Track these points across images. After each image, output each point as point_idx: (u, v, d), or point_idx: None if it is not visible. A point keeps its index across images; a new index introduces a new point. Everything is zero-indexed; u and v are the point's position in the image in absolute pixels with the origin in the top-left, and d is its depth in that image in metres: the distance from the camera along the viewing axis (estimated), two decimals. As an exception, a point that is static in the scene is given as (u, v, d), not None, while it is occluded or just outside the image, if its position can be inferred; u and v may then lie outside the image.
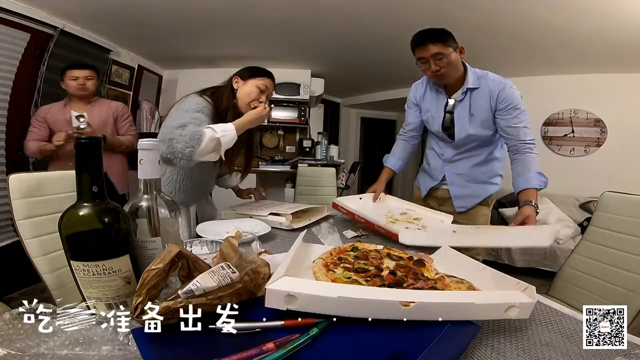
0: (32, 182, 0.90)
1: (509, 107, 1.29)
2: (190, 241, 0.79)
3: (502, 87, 1.31)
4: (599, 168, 3.24)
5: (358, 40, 2.86)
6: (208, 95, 1.22)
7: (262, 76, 1.25)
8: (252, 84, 1.23)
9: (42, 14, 2.26)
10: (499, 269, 0.65)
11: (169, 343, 0.44)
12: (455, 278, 0.64)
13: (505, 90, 1.31)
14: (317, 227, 1.31)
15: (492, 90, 1.31)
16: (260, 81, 1.23)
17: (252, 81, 1.24)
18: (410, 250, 0.88)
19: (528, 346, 0.50)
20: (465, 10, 2.23)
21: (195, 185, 1.27)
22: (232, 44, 3.05)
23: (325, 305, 0.48)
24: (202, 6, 2.34)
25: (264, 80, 1.24)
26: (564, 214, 2.99)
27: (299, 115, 3.76)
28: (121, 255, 0.53)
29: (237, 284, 0.51)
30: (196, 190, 1.29)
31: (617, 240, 1.08)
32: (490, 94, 1.31)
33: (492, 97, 1.31)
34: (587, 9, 2.10)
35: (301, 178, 2.68)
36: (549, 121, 3.49)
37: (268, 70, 1.28)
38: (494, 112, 1.32)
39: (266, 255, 0.75)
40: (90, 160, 0.52)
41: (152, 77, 3.65)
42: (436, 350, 0.43)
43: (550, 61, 3.07)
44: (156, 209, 0.59)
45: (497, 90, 1.31)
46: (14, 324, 0.44)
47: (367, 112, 5.79)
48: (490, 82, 1.33)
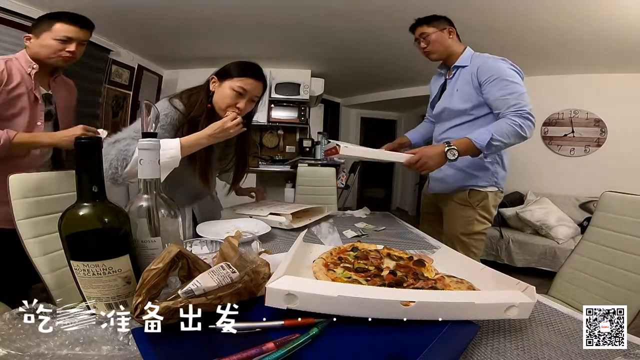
0: (32, 182, 0.91)
1: (491, 78, 1.26)
2: (190, 241, 0.79)
3: (485, 60, 1.31)
4: (599, 168, 3.25)
5: (358, 40, 2.86)
6: (186, 98, 1.07)
7: (241, 76, 1.04)
8: (227, 86, 1.04)
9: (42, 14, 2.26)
10: (499, 269, 0.65)
11: (169, 343, 0.44)
12: (455, 278, 0.64)
13: (487, 62, 1.30)
14: (317, 227, 1.31)
15: (475, 65, 1.34)
16: (237, 82, 1.03)
17: (228, 82, 1.04)
18: (410, 251, 0.88)
19: (528, 346, 0.50)
20: (466, 10, 2.23)
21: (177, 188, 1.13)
22: (232, 44, 3.05)
23: (325, 305, 0.48)
24: (202, 6, 2.34)
25: (242, 81, 1.03)
26: (564, 214, 3.00)
27: (299, 115, 3.76)
28: (121, 255, 0.52)
29: (237, 283, 0.51)
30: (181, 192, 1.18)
31: (617, 240, 1.08)
32: (472, 69, 1.34)
33: (473, 71, 1.33)
34: (587, 9, 2.10)
35: (301, 178, 2.68)
36: (549, 121, 3.49)
37: (252, 67, 1.07)
38: (476, 86, 1.32)
39: (266, 255, 0.75)
40: (90, 160, 0.52)
41: (152, 77, 3.65)
42: (436, 350, 0.43)
43: (550, 61, 3.07)
44: (156, 209, 0.59)
45: (478, 64, 1.32)
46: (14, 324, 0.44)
47: (367, 112, 5.79)
48: (478, 58, 1.35)
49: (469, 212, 1.40)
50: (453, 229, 1.44)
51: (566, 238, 2.81)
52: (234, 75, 1.05)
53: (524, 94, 1.23)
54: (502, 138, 1.18)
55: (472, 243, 1.41)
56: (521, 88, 1.24)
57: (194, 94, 1.09)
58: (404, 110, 5.76)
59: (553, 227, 2.86)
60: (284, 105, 3.73)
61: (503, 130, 1.19)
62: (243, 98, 1.05)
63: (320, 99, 4.29)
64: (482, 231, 1.41)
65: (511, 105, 1.22)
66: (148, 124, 0.63)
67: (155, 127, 0.63)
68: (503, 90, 1.24)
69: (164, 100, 1.08)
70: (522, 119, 1.20)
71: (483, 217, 1.40)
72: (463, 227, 1.41)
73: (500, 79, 1.25)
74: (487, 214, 1.41)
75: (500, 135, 1.18)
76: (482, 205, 1.39)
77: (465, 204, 1.40)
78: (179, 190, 1.17)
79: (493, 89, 1.26)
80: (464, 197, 1.40)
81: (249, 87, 1.05)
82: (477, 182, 1.38)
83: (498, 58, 1.31)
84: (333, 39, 2.90)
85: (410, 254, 0.78)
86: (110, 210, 0.54)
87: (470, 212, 1.40)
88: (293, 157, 3.80)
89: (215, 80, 1.08)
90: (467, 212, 1.40)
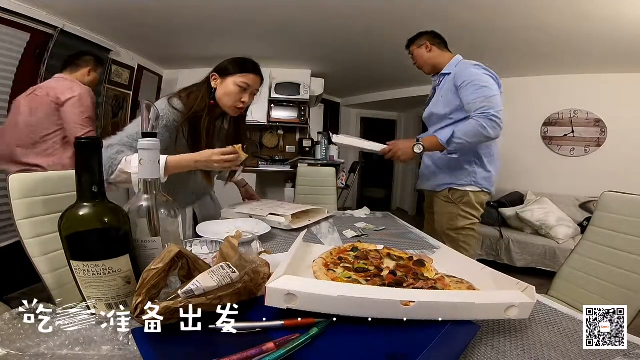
0: (32, 182, 0.90)
1: (465, 83, 1.35)
2: (190, 241, 0.79)
3: (463, 67, 1.41)
4: (599, 168, 3.25)
5: (358, 40, 2.87)
6: (185, 96, 1.09)
7: (242, 72, 1.09)
8: (231, 82, 1.09)
9: (42, 14, 2.26)
10: (498, 269, 0.65)
11: (169, 343, 0.44)
12: (455, 278, 0.64)
13: (464, 70, 1.39)
14: (317, 227, 1.31)
15: (455, 72, 1.43)
16: (240, 78, 1.08)
17: (231, 79, 1.09)
18: (410, 251, 0.88)
19: (528, 346, 0.50)
20: (466, 10, 2.23)
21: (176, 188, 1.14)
22: (232, 44, 3.05)
23: (325, 304, 0.48)
24: (202, 6, 2.34)
25: (245, 77, 1.09)
26: (564, 214, 2.99)
27: (299, 115, 3.76)
28: (121, 255, 0.52)
29: (237, 283, 0.51)
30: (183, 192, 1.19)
31: (617, 240, 1.08)
32: (453, 75, 1.43)
33: (453, 78, 1.42)
34: (587, 10, 2.10)
35: (301, 178, 2.68)
36: (549, 121, 3.49)
37: (251, 64, 1.13)
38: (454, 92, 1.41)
39: (266, 255, 0.75)
40: (90, 160, 0.52)
41: (152, 77, 3.65)
42: (436, 350, 0.43)
43: (550, 61, 3.08)
44: (156, 209, 0.59)
45: (457, 71, 1.41)
46: (14, 324, 0.44)
47: (367, 112, 5.79)
48: (460, 65, 1.44)
49: (451, 209, 1.50)
50: (440, 225, 1.54)
51: (566, 238, 2.81)
52: (236, 72, 1.09)
53: (493, 97, 1.31)
54: (464, 136, 1.32)
55: (460, 238, 1.48)
56: (490, 91, 1.32)
57: (194, 91, 1.11)
58: (404, 110, 5.76)
59: (553, 227, 2.86)
60: (284, 105, 3.73)
61: (466, 129, 1.32)
62: (246, 92, 1.11)
63: (320, 99, 4.29)
64: (468, 226, 1.48)
65: (478, 107, 1.31)
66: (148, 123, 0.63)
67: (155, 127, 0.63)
68: (473, 94, 1.33)
69: (163, 100, 1.08)
70: (486, 120, 1.29)
71: (467, 213, 1.48)
72: (448, 222, 1.50)
73: (472, 83, 1.34)
74: (471, 210, 1.48)
75: (462, 134, 1.32)
76: (464, 202, 1.47)
77: (448, 201, 1.51)
78: (181, 190, 1.18)
79: (466, 93, 1.35)
80: (446, 194, 1.51)
81: (251, 82, 1.11)
82: (456, 181, 1.48)
83: (473, 64, 1.39)
84: (333, 39, 2.90)
85: (410, 254, 0.78)
86: (110, 210, 0.53)
87: (453, 209, 1.49)
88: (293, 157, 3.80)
89: (216, 77, 1.11)
90: (450, 209, 1.50)
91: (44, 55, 2.33)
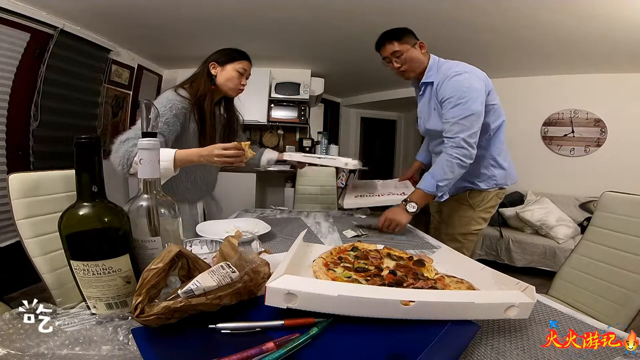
0: (32, 182, 0.90)
1: (443, 100, 1.25)
2: (190, 241, 0.79)
3: (443, 76, 1.27)
4: (599, 168, 3.25)
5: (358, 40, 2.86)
6: (189, 85, 1.22)
7: (239, 60, 1.26)
8: (230, 68, 1.25)
9: (42, 14, 2.26)
10: (498, 269, 0.65)
11: (169, 343, 0.44)
12: (455, 278, 0.64)
13: (445, 83, 1.25)
14: (317, 227, 1.31)
15: (436, 82, 1.30)
16: (238, 65, 1.25)
17: (231, 66, 1.25)
18: (410, 251, 0.88)
19: (528, 346, 0.50)
20: (465, 10, 2.23)
21: (195, 181, 1.29)
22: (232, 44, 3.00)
23: (325, 304, 0.48)
24: (202, 6, 2.34)
25: (242, 63, 1.26)
26: (564, 214, 2.99)
27: (299, 114, 3.75)
28: (121, 255, 0.52)
29: (237, 283, 0.51)
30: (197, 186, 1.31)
31: (617, 240, 1.08)
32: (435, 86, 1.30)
33: (436, 90, 1.30)
34: (588, 10, 2.10)
35: (301, 178, 2.68)
36: (549, 121, 3.49)
37: (244, 52, 1.30)
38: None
39: (266, 254, 0.75)
40: (90, 160, 0.52)
41: (152, 76, 3.65)
42: (436, 350, 0.43)
43: (551, 61, 3.08)
44: (156, 209, 0.59)
45: (438, 81, 1.28)
46: (14, 324, 0.44)
47: (367, 112, 5.79)
48: (440, 73, 1.29)
49: (468, 212, 1.42)
50: (452, 228, 1.47)
51: (566, 238, 2.81)
52: (234, 60, 1.26)
53: (467, 117, 1.19)
54: (446, 176, 1.23)
55: (465, 243, 1.44)
56: (466, 110, 1.19)
57: (195, 80, 1.25)
58: (404, 110, 5.76)
59: (553, 227, 2.86)
60: (283, 105, 3.72)
61: (444, 169, 1.23)
62: (243, 77, 1.28)
63: (320, 98, 4.29)
64: (476, 231, 1.44)
65: (449, 132, 1.23)
66: (148, 123, 0.63)
67: (155, 126, 0.63)
68: (448, 113, 1.23)
69: (170, 90, 1.18)
70: (458, 149, 1.21)
71: (481, 219, 1.43)
72: (462, 226, 1.43)
73: (449, 101, 1.22)
74: (486, 215, 1.43)
75: (443, 176, 1.23)
76: (482, 207, 1.41)
77: (466, 204, 1.43)
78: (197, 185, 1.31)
79: (445, 111, 1.25)
80: (464, 197, 1.43)
81: (247, 67, 1.28)
82: (477, 187, 1.40)
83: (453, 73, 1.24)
84: (333, 39, 2.89)
85: (410, 254, 0.78)
86: (110, 210, 0.53)
87: (470, 213, 1.42)
88: (293, 157, 3.79)
89: (215, 65, 1.25)
90: (466, 212, 1.43)
91: (44, 55, 2.33)
